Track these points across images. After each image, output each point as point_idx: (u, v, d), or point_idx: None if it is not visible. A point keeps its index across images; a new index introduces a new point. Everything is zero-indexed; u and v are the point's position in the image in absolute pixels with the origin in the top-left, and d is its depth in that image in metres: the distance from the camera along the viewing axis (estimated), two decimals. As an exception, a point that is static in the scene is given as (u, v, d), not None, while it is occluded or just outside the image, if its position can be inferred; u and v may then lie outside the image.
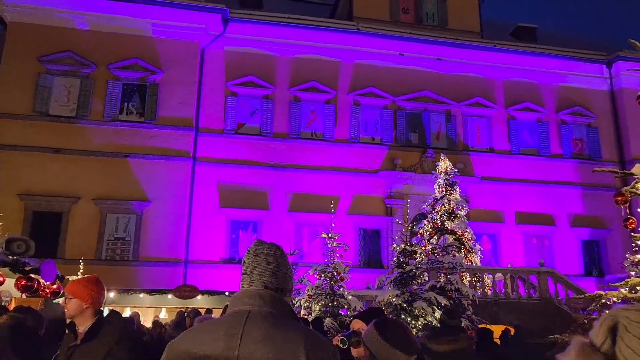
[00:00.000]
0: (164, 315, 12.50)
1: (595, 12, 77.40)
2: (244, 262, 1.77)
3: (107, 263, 16.28)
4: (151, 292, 12.49)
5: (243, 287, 1.72)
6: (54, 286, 8.49)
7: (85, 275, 3.53)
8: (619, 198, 9.08)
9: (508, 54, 21.07)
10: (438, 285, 11.74)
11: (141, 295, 12.44)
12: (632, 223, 9.08)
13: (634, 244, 13.82)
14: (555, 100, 21.45)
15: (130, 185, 17.17)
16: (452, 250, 12.97)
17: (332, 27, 19.98)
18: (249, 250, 1.78)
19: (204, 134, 18.43)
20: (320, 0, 26.17)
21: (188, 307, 11.31)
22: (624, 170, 20.96)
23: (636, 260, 12.92)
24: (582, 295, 12.77)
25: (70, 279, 11.34)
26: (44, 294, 8.37)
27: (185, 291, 12.19)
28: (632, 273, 13.07)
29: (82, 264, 12.65)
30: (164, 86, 18.22)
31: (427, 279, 12.67)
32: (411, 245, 11.94)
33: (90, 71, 17.91)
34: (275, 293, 1.68)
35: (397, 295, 11.10)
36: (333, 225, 12.11)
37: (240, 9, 20.19)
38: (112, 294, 12.05)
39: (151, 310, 13.04)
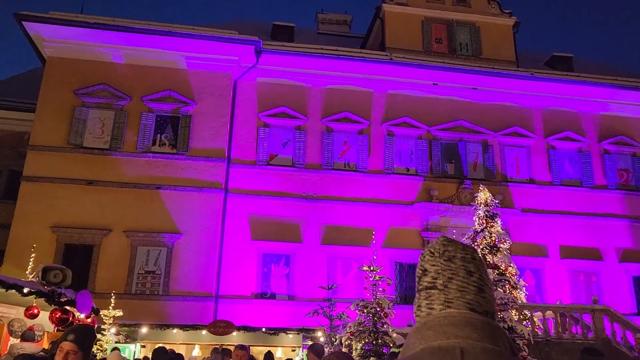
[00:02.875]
0: (197, 353, 11.91)
1: (633, 40, 76.71)
2: (425, 270, 1.19)
3: (137, 297, 15.84)
4: (184, 327, 11.93)
5: (432, 308, 1.14)
6: (89, 320, 8.03)
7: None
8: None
9: (546, 82, 20.51)
10: (489, 323, 10.90)
11: (174, 330, 11.90)
12: None
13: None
14: (597, 130, 20.67)
15: (161, 218, 16.90)
16: (502, 286, 12.14)
17: (364, 58, 19.80)
18: (432, 252, 1.19)
19: (236, 166, 18.18)
20: (350, 33, 26.29)
21: (223, 345, 10.72)
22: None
23: None
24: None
25: (102, 313, 10.92)
26: (77, 328, 7.89)
27: (220, 327, 11.60)
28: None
29: (113, 297, 12.22)
30: (197, 118, 18.15)
31: (474, 316, 11.82)
32: (458, 280, 11.20)
33: (125, 103, 17.99)
34: (489, 319, 1.11)
35: (446, 334, 10.31)
36: (375, 257, 11.46)
37: (272, 41, 20.27)
38: (144, 329, 11.53)
39: (183, 347, 12.44)
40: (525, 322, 14.01)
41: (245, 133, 18.65)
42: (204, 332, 11.96)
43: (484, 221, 15.61)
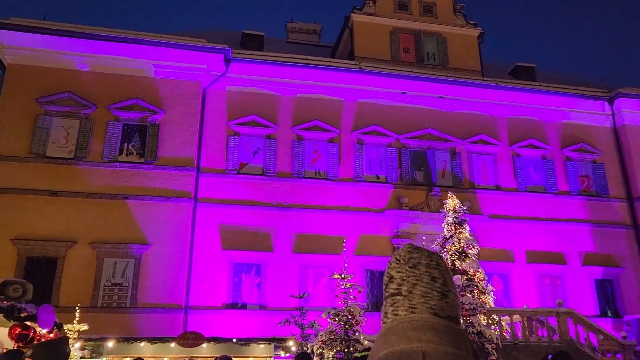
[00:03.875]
0: (165, 366, 11.65)
1: (593, 51, 79.82)
2: (392, 277, 1.21)
3: (103, 310, 15.44)
4: (153, 340, 11.67)
5: (397, 314, 1.15)
6: (51, 335, 7.77)
7: None
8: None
9: (510, 91, 21.08)
10: (458, 328, 11.04)
11: (142, 344, 11.61)
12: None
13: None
14: (560, 137, 21.32)
15: (128, 228, 16.54)
16: (471, 291, 12.34)
17: (334, 67, 19.97)
18: (398, 260, 1.22)
19: (205, 175, 17.98)
20: (320, 42, 26.47)
21: (192, 357, 10.54)
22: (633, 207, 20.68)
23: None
24: (613, 339, 12.14)
25: (66, 327, 10.59)
26: (39, 344, 7.61)
27: (190, 339, 11.39)
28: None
29: (78, 311, 11.88)
30: (165, 126, 17.90)
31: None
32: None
33: (90, 112, 17.60)
34: (452, 324, 1.13)
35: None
36: (346, 265, 11.52)
37: (242, 50, 20.23)
38: (110, 344, 11.22)
39: (151, 361, 12.16)
40: (493, 326, 14.27)
41: (214, 142, 18.49)
42: (172, 344, 11.72)
43: (452, 227, 15.87)
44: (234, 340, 12.07)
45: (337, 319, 10.84)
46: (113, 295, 15.85)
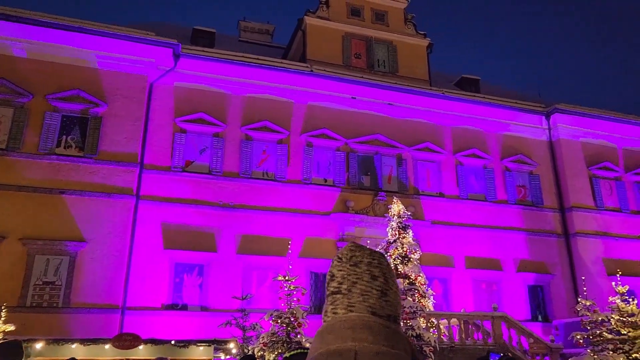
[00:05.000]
0: (98, 369, 11.15)
1: (532, 67, 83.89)
2: (333, 275, 1.20)
3: (32, 310, 14.60)
4: (85, 341, 11.14)
5: (336, 313, 1.15)
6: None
7: None
8: None
9: (455, 102, 21.77)
10: (399, 331, 11.24)
11: (73, 345, 11.06)
12: None
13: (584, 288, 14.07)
14: (500, 148, 22.24)
15: (64, 224, 15.77)
16: (412, 295, 12.60)
17: (285, 68, 19.91)
18: (340, 258, 1.22)
19: (149, 171, 17.43)
20: (272, 43, 26.34)
21: (128, 359, 10.17)
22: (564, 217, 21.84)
23: (588, 304, 13.13)
24: (543, 342, 12.77)
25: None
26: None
27: (126, 341, 10.96)
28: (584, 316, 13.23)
29: (4, 311, 11.19)
30: (108, 120, 17.22)
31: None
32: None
33: (26, 101, 16.66)
34: (389, 323, 1.13)
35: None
36: (290, 267, 11.48)
37: (192, 45, 19.81)
38: (38, 345, 10.62)
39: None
40: (432, 329, 14.64)
41: (160, 138, 17.97)
42: (107, 346, 11.24)
43: (396, 232, 16.17)
44: (173, 342, 11.74)
45: (279, 321, 10.76)
46: (44, 294, 15.04)
